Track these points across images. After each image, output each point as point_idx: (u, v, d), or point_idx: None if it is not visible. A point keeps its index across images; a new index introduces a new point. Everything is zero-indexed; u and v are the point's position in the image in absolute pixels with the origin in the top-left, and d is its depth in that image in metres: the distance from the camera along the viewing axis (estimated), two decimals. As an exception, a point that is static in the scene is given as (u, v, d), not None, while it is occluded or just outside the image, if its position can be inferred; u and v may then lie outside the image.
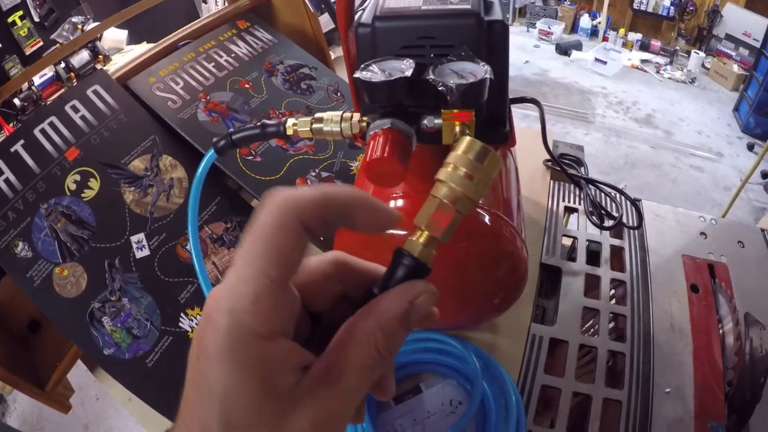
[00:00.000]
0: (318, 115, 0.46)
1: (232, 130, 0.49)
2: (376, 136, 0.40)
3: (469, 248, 0.52)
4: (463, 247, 0.52)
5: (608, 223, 0.85)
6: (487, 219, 0.51)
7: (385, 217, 0.26)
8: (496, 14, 0.46)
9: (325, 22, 1.82)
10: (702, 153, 3.67)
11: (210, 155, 0.49)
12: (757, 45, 4.11)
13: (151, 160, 0.78)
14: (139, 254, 0.72)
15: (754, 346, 0.67)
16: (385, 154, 0.38)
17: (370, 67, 0.40)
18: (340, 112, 0.45)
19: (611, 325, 0.75)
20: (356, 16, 0.49)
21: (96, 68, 2.57)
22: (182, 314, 0.72)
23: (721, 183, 3.39)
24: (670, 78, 4.64)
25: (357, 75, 0.39)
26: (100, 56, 2.62)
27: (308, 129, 0.46)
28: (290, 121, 0.47)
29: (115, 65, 2.63)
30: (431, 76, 0.38)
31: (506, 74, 0.48)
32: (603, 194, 0.90)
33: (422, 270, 0.26)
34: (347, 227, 0.25)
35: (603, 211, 0.85)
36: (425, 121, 0.41)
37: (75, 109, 0.76)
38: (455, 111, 0.39)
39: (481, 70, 0.38)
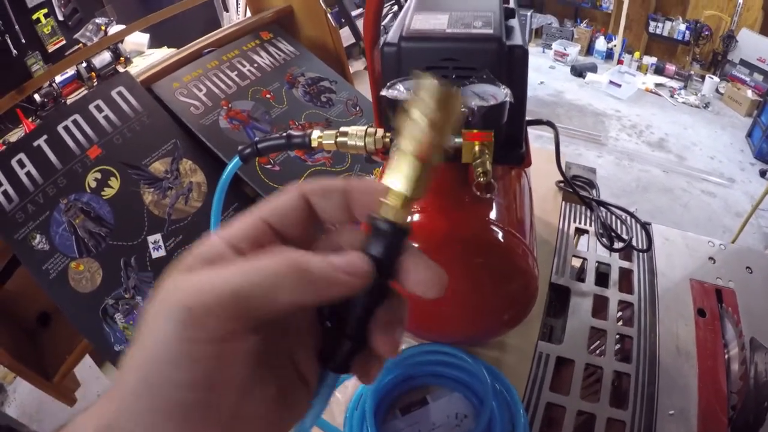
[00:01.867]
0: (343, 129, 0.48)
1: (257, 139, 0.51)
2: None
3: (482, 264, 0.53)
4: (477, 262, 0.53)
5: (618, 245, 0.85)
6: (501, 236, 0.52)
7: (375, 195, 0.26)
8: (517, 39, 0.48)
9: (345, 36, 1.86)
10: (714, 178, 3.65)
11: (235, 162, 0.50)
12: (771, 70, 4.10)
13: (172, 163, 0.80)
14: (155, 254, 0.74)
15: (758, 371, 0.68)
16: None
17: (396, 86, 0.42)
18: (364, 128, 0.46)
19: (617, 346, 0.76)
20: (382, 36, 0.51)
21: (117, 70, 2.61)
22: None
23: (732, 209, 3.37)
24: (684, 102, 4.62)
25: (383, 93, 0.40)
26: (121, 58, 2.67)
27: (333, 142, 0.47)
28: (315, 134, 0.49)
29: (137, 68, 2.68)
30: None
31: (525, 97, 0.49)
32: (614, 217, 0.91)
33: (401, 232, 0.25)
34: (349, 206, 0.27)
35: (613, 234, 0.86)
36: None
37: (99, 109, 0.78)
38: (475, 131, 0.41)
39: (501, 94, 0.39)
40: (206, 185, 0.81)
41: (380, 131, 0.45)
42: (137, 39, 2.82)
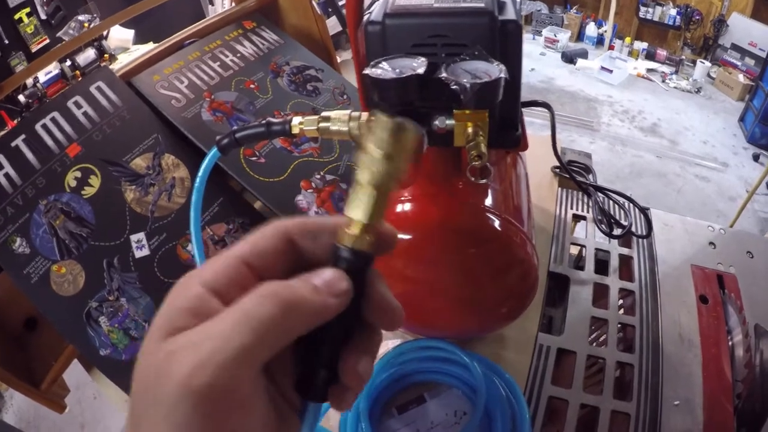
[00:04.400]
0: (325, 113, 0.45)
1: (235, 128, 0.48)
2: None
3: (478, 254, 0.50)
4: (473, 252, 0.50)
5: (617, 231, 0.83)
6: (497, 224, 0.50)
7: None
8: (510, 14, 0.45)
9: (332, 25, 1.82)
10: (707, 163, 3.65)
11: (213, 153, 0.48)
12: (763, 55, 4.10)
13: (153, 158, 0.77)
14: (138, 254, 0.71)
15: (764, 359, 0.66)
16: None
17: (381, 65, 0.39)
18: (347, 111, 0.43)
19: (619, 335, 0.74)
20: (366, 15, 0.48)
21: (101, 67, 2.56)
22: None
23: (726, 193, 3.37)
24: (675, 87, 4.62)
25: (366, 71, 0.38)
26: (105, 55, 2.62)
27: (315, 128, 0.45)
28: (296, 120, 0.46)
29: (121, 64, 2.64)
30: (444, 75, 0.37)
31: (519, 76, 0.47)
32: (611, 202, 0.89)
33: (361, 258, 0.26)
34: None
35: (612, 220, 0.84)
36: (436, 122, 0.40)
37: (78, 105, 0.74)
38: (468, 111, 0.38)
39: (495, 70, 0.37)
40: (189, 180, 0.78)
41: (364, 115, 0.42)
42: (122, 35, 2.77)
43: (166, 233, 0.73)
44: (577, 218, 0.89)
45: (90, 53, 2.54)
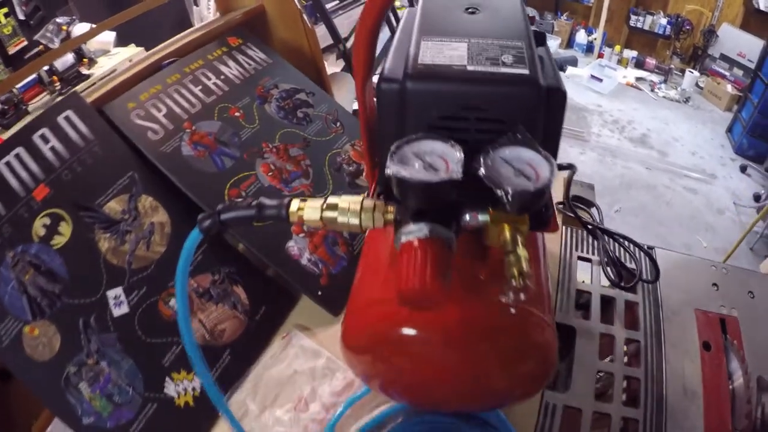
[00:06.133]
0: (331, 200, 0.38)
1: (220, 207, 0.41)
2: (411, 251, 0.33)
3: (497, 348, 0.45)
4: (491, 348, 0.45)
5: (626, 275, 0.80)
6: (520, 318, 0.44)
7: None
8: (553, 76, 0.39)
9: (321, 35, 1.75)
10: (696, 175, 3.65)
11: (194, 236, 0.41)
12: (751, 65, 4.13)
13: (129, 200, 0.70)
14: (117, 312, 0.64)
15: (766, 413, 0.67)
16: (426, 284, 0.31)
17: (404, 153, 0.32)
18: (359, 199, 0.37)
19: (624, 384, 0.72)
20: (380, 63, 0.41)
21: (80, 72, 2.46)
22: (167, 378, 0.64)
23: (714, 205, 3.38)
24: (664, 97, 4.63)
25: (390, 171, 0.31)
26: (84, 59, 2.51)
27: (317, 218, 0.38)
28: (294, 205, 0.40)
29: (102, 68, 2.54)
30: (482, 171, 0.31)
31: (557, 151, 0.40)
32: (615, 242, 0.85)
33: None
34: None
35: (620, 267, 0.80)
36: (467, 217, 0.34)
37: (44, 139, 0.67)
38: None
39: (545, 167, 0.31)
40: (170, 225, 0.71)
41: (380, 206, 0.36)
42: (103, 37, 2.66)
43: (146, 287, 0.67)
44: (581, 259, 0.85)
45: (68, 57, 2.43)
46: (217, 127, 0.80)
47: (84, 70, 2.49)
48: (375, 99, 0.40)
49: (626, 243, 0.84)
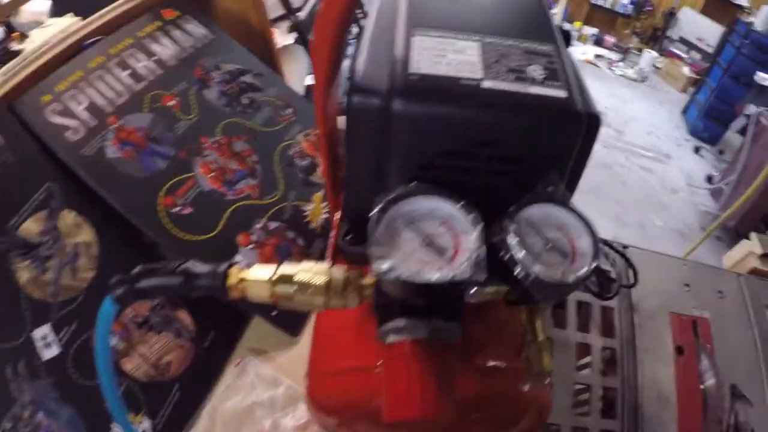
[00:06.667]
0: (285, 269, 0.28)
1: (137, 270, 0.31)
2: (404, 361, 0.24)
3: (482, 418, 0.38)
4: (475, 418, 0.38)
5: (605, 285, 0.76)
6: (506, 380, 0.38)
7: None
8: (583, 93, 0.30)
9: (270, 4, 1.60)
10: (651, 154, 3.70)
11: (106, 308, 0.31)
12: (709, 50, 4.22)
13: (48, 218, 0.58)
14: (46, 354, 0.54)
15: (738, 420, 0.68)
16: (426, 410, 0.22)
17: (392, 220, 0.23)
18: (323, 268, 0.27)
19: (600, 393, 0.71)
20: (351, 61, 0.29)
21: (9, 49, 2.23)
22: (113, 424, 0.56)
23: (668, 185, 3.44)
24: (622, 75, 4.67)
25: (378, 269, 0.22)
26: (15, 33, 2.28)
27: (267, 294, 0.28)
28: (234, 274, 0.29)
29: (34, 43, 2.31)
30: (497, 238, 0.22)
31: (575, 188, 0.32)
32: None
33: None
34: None
35: (600, 276, 0.75)
36: (471, 292, 0.26)
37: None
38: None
39: (584, 239, 0.23)
40: (97, 246, 0.60)
41: (354, 279, 0.27)
42: (36, 7, 2.42)
43: (77, 321, 0.56)
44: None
45: (-4, 29, 2.20)
46: (147, 121, 0.69)
47: (16, 46, 2.26)
48: (344, 114, 0.28)
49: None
